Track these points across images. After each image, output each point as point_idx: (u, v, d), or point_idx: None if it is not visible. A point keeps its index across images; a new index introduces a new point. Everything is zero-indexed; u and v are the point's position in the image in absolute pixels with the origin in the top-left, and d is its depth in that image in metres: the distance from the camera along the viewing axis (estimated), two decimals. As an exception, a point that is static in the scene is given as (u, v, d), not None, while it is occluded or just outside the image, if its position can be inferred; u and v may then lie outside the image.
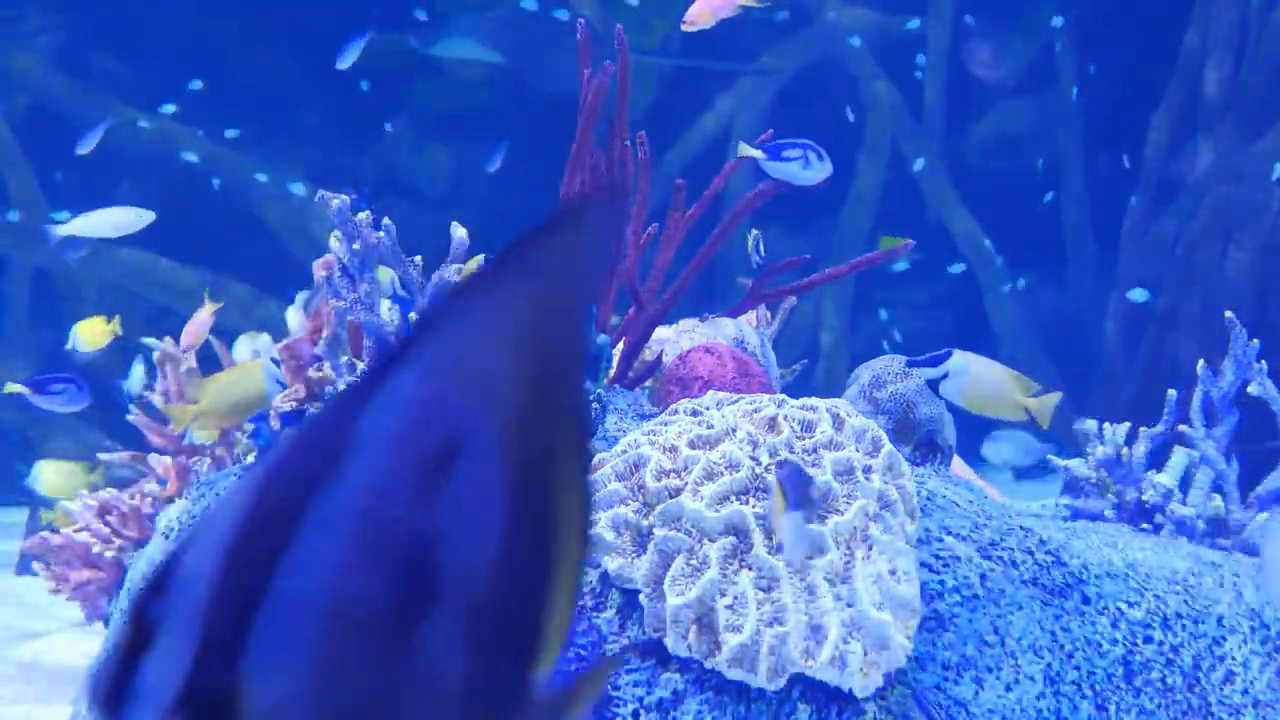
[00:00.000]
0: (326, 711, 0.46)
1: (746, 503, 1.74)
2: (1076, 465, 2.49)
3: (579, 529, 0.55)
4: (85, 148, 5.06)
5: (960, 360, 2.31)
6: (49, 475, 3.33)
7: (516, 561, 0.52)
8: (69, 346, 2.86)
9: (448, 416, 0.52)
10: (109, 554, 2.78)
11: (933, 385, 2.30)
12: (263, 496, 0.49)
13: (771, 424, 1.86)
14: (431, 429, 0.51)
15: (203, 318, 2.78)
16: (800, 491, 1.59)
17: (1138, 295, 5.44)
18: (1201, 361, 2.45)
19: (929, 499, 2.08)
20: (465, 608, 0.50)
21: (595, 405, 2.04)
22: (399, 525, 0.49)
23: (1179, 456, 2.47)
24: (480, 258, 2.69)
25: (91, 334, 2.82)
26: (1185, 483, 2.45)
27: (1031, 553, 2.01)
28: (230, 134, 6.93)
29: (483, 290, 0.53)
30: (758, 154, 2.54)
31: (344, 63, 5.37)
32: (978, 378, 2.31)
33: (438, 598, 0.49)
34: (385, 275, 2.62)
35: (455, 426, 0.52)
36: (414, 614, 0.48)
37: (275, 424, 2.50)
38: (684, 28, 2.54)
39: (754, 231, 2.81)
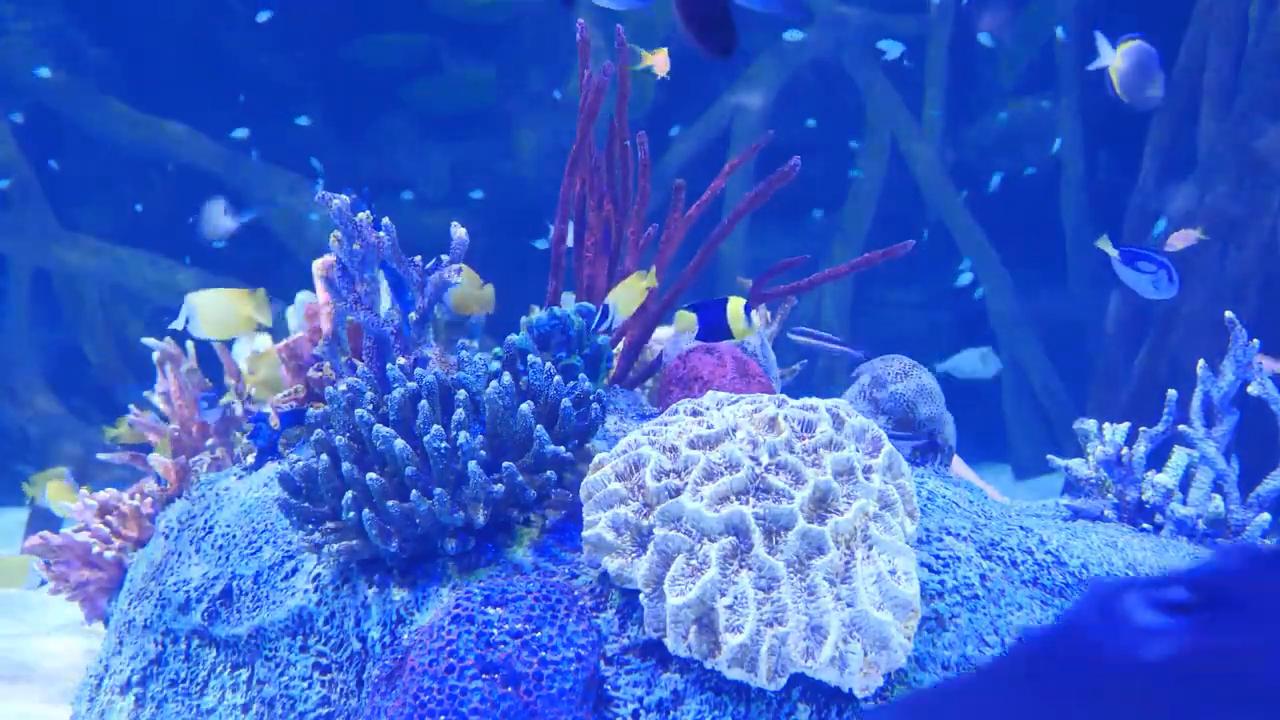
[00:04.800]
0: None
1: (746, 503, 1.74)
2: (1077, 465, 2.49)
3: None
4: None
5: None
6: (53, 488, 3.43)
7: None
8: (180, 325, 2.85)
9: None
10: (109, 554, 2.78)
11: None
12: None
13: (771, 424, 1.86)
14: None
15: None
16: None
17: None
18: (1201, 361, 2.45)
19: (929, 499, 2.08)
20: None
21: (595, 405, 2.04)
22: None
23: (1179, 456, 2.47)
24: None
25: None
26: (1185, 483, 2.45)
27: (1032, 553, 2.01)
28: (237, 134, 6.93)
29: None
30: (1113, 252, 2.75)
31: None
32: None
33: None
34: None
35: None
36: None
37: (275, 424, 2.50)
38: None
39: None
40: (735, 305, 2.35)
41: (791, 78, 7.31)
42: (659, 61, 2.61)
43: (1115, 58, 3.18)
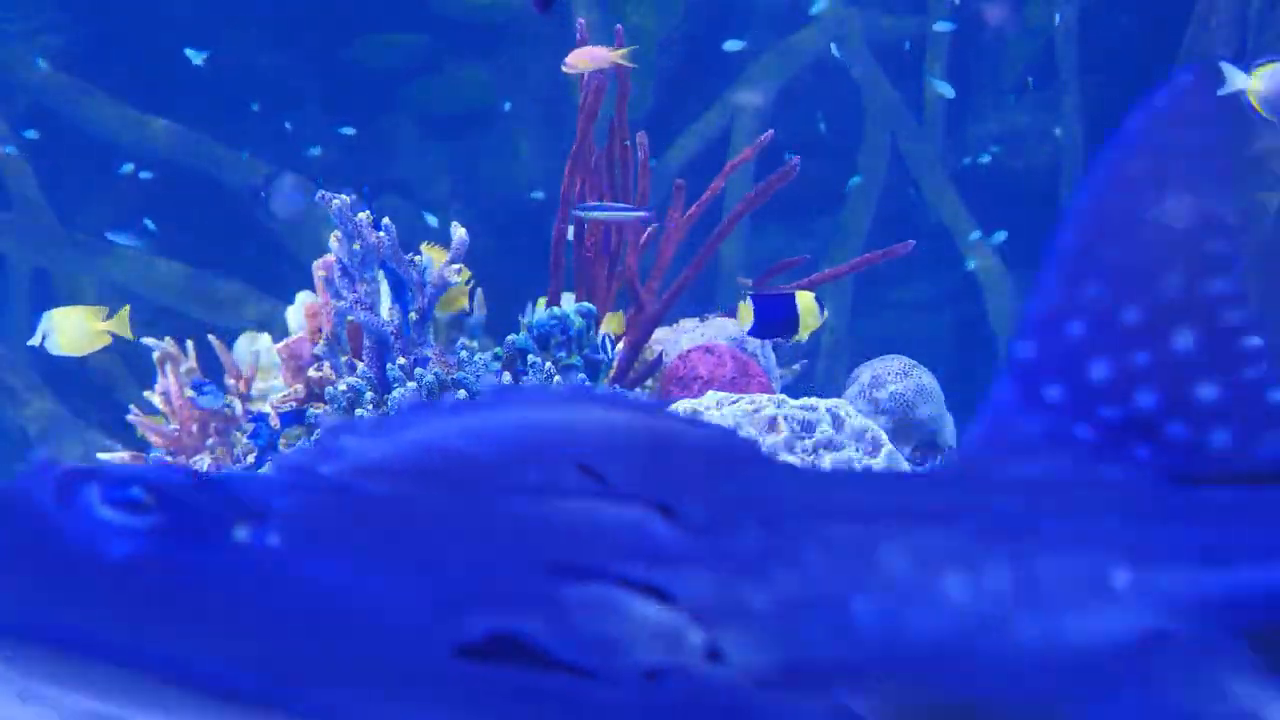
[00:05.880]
0: None
1: (746, 502, 1.74)
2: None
3: None
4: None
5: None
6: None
7: None
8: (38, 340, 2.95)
9: None
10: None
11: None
12: None
13: (771, 424, 1.87)
14: None
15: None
16: None
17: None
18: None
19: (929, 499, 2.08)
20: None
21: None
22: None
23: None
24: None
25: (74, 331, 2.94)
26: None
27: (1031, 552, 2.01)
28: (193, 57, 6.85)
29: None
30: None
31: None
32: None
33: None
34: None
35: None
36: None
37: (275, 424, 2.50)
38: (565, 70, 2.56)
39: None
40: (807, 298, 2.31)
41: (791, 78, 7.31)
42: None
43: (1251, 81, 3.29)
